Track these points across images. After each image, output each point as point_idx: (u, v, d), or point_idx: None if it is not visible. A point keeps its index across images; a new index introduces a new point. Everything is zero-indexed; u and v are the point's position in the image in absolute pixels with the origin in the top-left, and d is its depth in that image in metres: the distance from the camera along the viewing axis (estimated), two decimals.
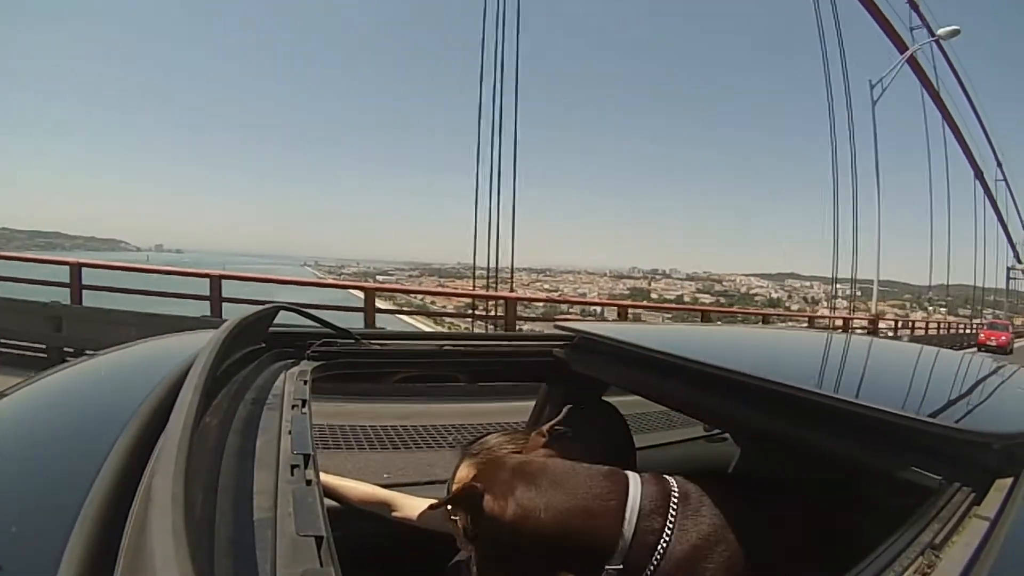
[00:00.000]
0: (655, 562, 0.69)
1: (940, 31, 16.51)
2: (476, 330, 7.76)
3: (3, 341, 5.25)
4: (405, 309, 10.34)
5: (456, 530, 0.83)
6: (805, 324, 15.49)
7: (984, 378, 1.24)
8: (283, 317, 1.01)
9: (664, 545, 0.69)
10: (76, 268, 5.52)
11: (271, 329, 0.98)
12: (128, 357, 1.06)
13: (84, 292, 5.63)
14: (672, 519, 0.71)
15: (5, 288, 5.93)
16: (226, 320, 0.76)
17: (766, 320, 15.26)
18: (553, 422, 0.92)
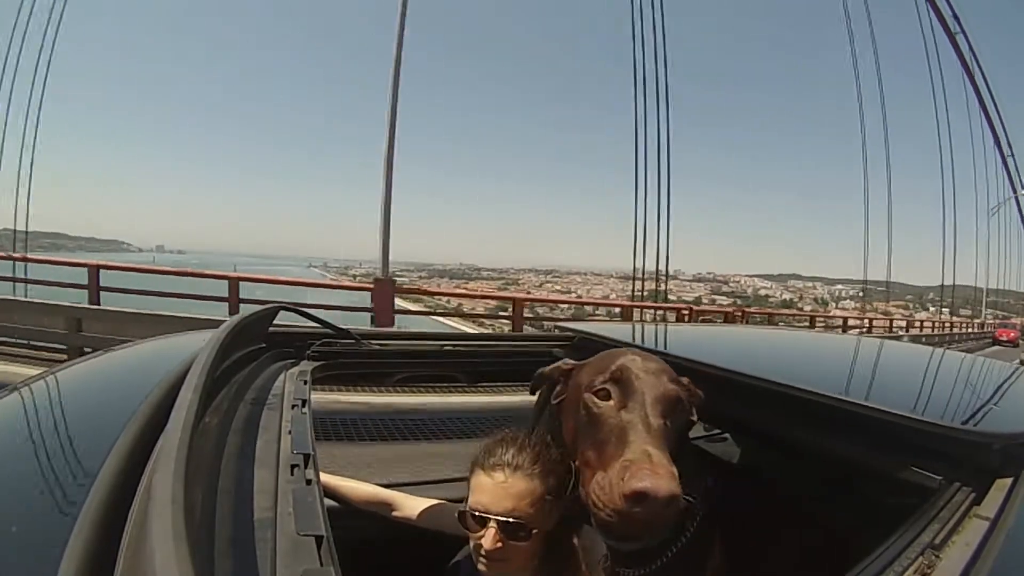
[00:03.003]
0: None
1: None
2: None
3: None
4: (438, 311, 10.60)
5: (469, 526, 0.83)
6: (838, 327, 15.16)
7: (984, 379, 1.24)
8: (283, 317, 1.01)
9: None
10: None
11: (271, 329, 0.98)
12: (128, 357, 1.06)
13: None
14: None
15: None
16: (227, 320, 0.76)
17: (812, 324, 14.46)
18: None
